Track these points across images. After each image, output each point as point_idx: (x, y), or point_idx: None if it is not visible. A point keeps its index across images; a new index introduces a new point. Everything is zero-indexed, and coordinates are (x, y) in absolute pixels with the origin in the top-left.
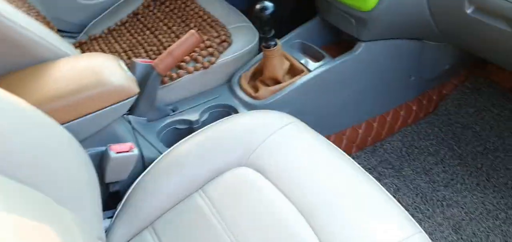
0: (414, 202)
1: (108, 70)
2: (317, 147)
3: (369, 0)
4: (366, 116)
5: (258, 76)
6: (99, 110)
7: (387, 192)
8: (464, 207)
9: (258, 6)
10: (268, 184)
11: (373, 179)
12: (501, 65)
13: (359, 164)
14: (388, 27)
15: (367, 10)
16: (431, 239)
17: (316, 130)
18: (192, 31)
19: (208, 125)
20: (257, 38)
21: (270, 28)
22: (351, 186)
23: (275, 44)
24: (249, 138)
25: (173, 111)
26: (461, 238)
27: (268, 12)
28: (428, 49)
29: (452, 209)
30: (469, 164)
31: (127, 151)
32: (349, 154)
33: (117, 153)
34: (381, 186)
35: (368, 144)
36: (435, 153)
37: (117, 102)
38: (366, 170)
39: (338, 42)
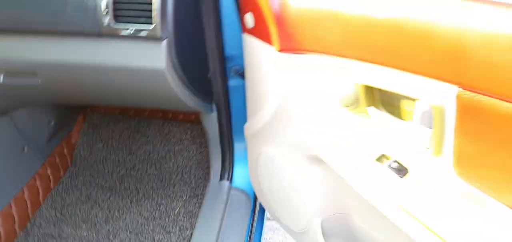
0: None
1: None
2: None
3: None
4: None
5: None
6: None
7: None
8: (127, 227)
9: None
10: None
11: None
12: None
13: None
14: None
15: None
16: None
17: None
18: None
19: None
20: None
21: None
22: None
23: None
24: None
25: None
26: None
27: None
28: (20, 117)
29: (119, 236)
30: (119, 190)
31: None
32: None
33: None
34: None
35: (18, 232)
36: (87, 199)
37: None
38: None
39: None
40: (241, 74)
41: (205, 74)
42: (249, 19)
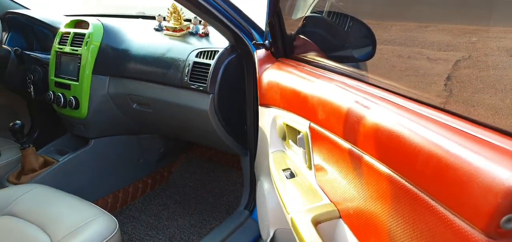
0: (147, 234)
1: None
2: (55, 194)
3: (82, 111)
4: (111, 189)
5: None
6: None
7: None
8: (177, 227)
9: (11, 124)
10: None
11: (91, 204)
12: (191, 140)
13: None
14: (102, 128)
15: (83, 117)
16: None
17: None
18: None
19: None
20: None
21: (22, 136)
22: (74, 209)
23: (28, 146)
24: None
25: None
26: None
27: (17, 126)
28: (143, 140)
29: (169, 229)
30: (185, 204)
31: None
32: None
33: None
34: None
35: (118, 208)
36: (164, 205)
37: None
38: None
39: None
40: None
41: (242, 124)
42: None
